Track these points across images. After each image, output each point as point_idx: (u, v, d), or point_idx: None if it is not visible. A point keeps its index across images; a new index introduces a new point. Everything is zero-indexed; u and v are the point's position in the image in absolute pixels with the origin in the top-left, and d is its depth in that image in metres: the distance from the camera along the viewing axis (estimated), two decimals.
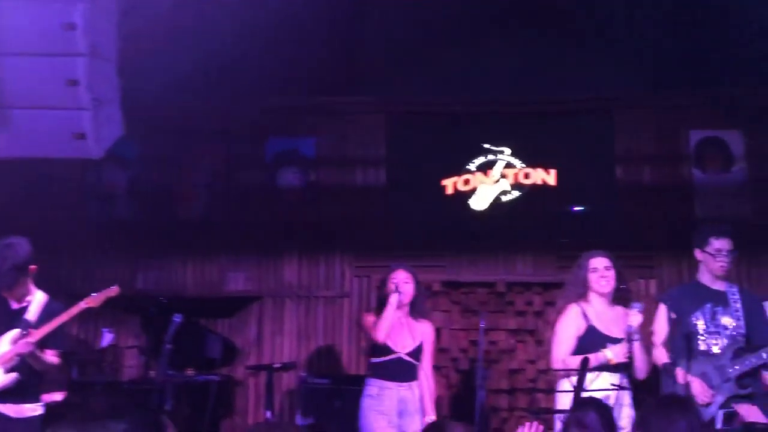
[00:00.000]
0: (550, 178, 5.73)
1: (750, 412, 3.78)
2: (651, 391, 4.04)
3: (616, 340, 3.95)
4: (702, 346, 3.94)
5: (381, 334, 4.22)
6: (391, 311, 4.23)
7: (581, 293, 4.10)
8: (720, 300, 4.00)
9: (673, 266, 5.63)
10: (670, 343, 4.05)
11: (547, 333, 4.32)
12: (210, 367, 5.40)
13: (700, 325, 3.97)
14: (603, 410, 2.77)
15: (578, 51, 5.78)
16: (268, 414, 5.12)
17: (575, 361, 3.81)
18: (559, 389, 4.02)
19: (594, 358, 3.84)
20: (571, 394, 3.72)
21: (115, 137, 3.85)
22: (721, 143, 5.77)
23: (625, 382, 3.96)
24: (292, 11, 5.10)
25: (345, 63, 5.95)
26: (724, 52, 5.64)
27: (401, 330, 4.30)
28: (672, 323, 4.05)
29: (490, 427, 5.56)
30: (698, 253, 4.06)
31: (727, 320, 3.95)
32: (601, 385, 3.81)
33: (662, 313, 4.08)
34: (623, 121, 5.89)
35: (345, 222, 5.93)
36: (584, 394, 3.71)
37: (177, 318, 4.01)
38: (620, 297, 4.11)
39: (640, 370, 4.00)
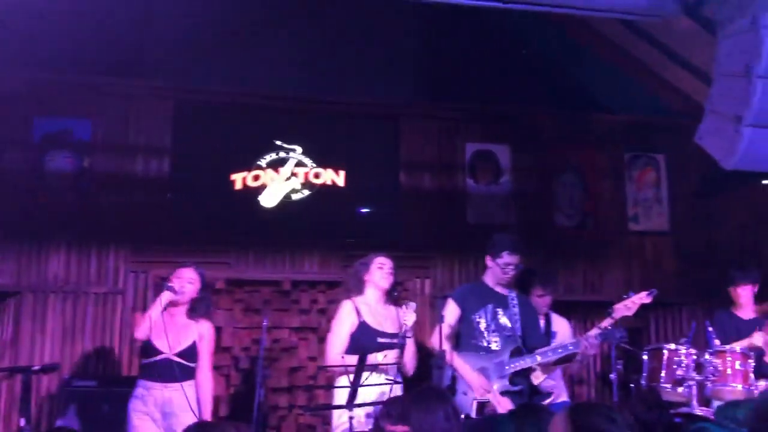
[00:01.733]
0: (340, 179, 5.84)
1: (502, 403, 4.16)
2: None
3: (387, 335, 4.15)
4: (483, 343, 4.29)
5: (140, 332, 4.07)
6: (156, 309, 4.06)
7: (358, 287, 4.27)
8: (501, 302, 4.36)
9: (446, 268, 6.03)
10: (455, 337, 4.35)
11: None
12: None
13: (482, 323, 4.31)
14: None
15: (369, 56, 5.98)
16: (23, 421, 4.61)
17: (352, 359, 3.92)
18: (337, 385, 4.11)
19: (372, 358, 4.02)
20: (348, 390, 3.84)
21: None
22: (492, 156, 6.30)
23: (398, 377, 4.16)
24: None
25: (132, 44, 5.56)
26: (498, 71, 6.19)
27: (173, 330, 4.13)
28: (458, 318, 4.34)
29: (269, 426, 5.53)
30: (489, 260, 4.41)
31: (506, 321, 4.33)
32: (376, 380, 3.96)
33: (450, 308, 4.36)
34: (408, 129, 6.19)
35: (122, 213, 5.53)
36: (359, 389, 3.84)
37: None
38: (393, 298, 4.36)
39: (410, 366, 4.24)
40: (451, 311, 4.36)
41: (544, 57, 6.40)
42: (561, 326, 5.04)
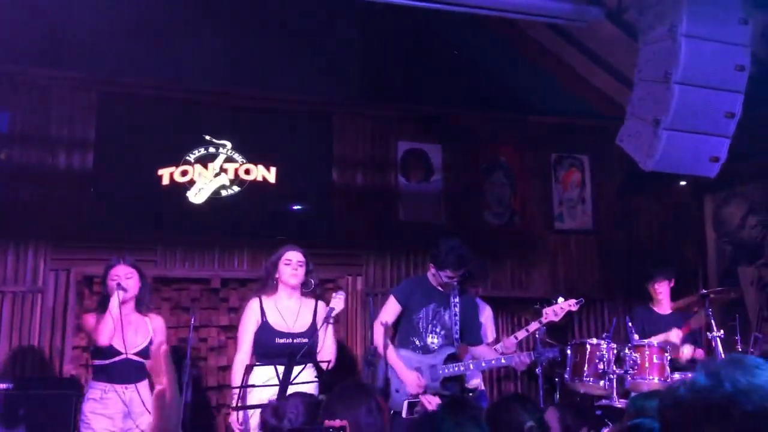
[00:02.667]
0: (271, 175, 5.77)
1: (432, 402, 4.20)
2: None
3: (288, 335, 4.09)
4: (420, 341, 4.32)
5: (104, 338, 3.95)
6: (114, 311, 3.97)
7: (271, 285, 4.19)
8: (443, 301, 4.39)
9: (378, 265, 6.06)
10: (393, 333, 4.36)
11: None
12: None
13: (422, 321, 4.33)
14: (305, 399, 2.87)
15: (303, 53, 5.93)
16: None
17: (259, 371, 3.87)
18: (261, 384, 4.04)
19: None
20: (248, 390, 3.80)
21: None
22: (423, 155, 6.36)
23: (309, 375, 4.05)
24: None
25: (53, 33, 5.32)
26: (430, 72, 6.25)
27: (128, 328, 4.04)
28: (398, 314, 4.36)
29: (198, 425, 5.42)
30: (433, 268, 4.40)
31: (445, 321, 4.36)
32: (304, 377, 3.90)
33: (391, 304, 4.38)
34: (341, 126, 6.18)
35: (42, 208, 5.32)
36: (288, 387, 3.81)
37: None
38: (311, 290, 4.28)
39: (330, 358, 4.12)
40: (392, 307, 4.37)
41: (476, 59, 6.49)
42: (484, 316, 5.11)
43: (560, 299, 4.61)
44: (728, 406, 1.25)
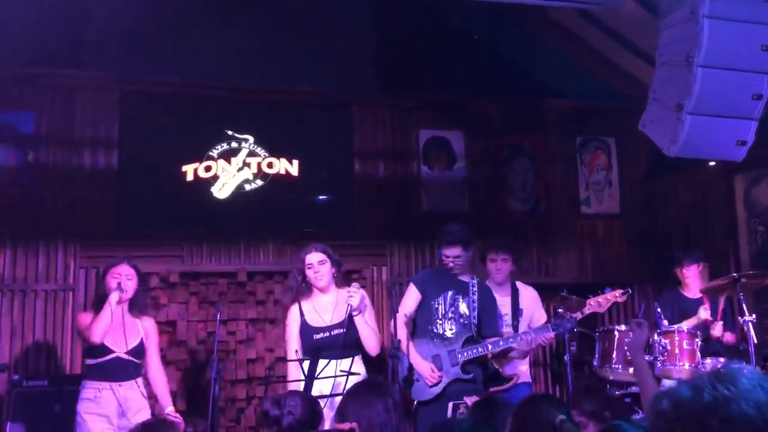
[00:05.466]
0: (293, 168, 5.78)
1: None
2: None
3: (323, 329, 4.15)
4: (438, 329, 4.32)
5: (97, 336, 3.99)
6: (109, 311, 4.00)
7: (305, 290, 4.26)
8: (461, 289, 4.38)
9: (402, 255, 6.06)
10: (412, 323, 4.38)
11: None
12: None
13: (440, 309, 4.34)
14: (304, 398, 2.89)
15: (322, 45, 5.90)
16: None
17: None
18: (292, 379, 4.09)
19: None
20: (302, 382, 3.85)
21: None
22: (446, 143, 6.31)
23: (358, 367, 4.12)
24: None
25: (75, 34, 5.37)
26: (450, 58, 6.17)
27: (119, 328, 4.09)
28: (417, 303, 4.38)
29: (227, 419, 5.50)
30: (439, 254, 4.47)
31: (464, 309, 4.36)
32: (329, 372, 3.92)
33: (411, 292, 4.40)
34: (361, 117, 6.17)
35: (70, 207, 5.42)
36: (316, 381, 3.85)
37: None
38: (344, 280, 4.34)
39: (369, 346, 4.20)
40: (412, 295, 4.40)
41: (496, 43, 6.40)
42: (528, 301, 4.95)
43: (607, 289, 4.56)
44: (707, 415, 1.26)
